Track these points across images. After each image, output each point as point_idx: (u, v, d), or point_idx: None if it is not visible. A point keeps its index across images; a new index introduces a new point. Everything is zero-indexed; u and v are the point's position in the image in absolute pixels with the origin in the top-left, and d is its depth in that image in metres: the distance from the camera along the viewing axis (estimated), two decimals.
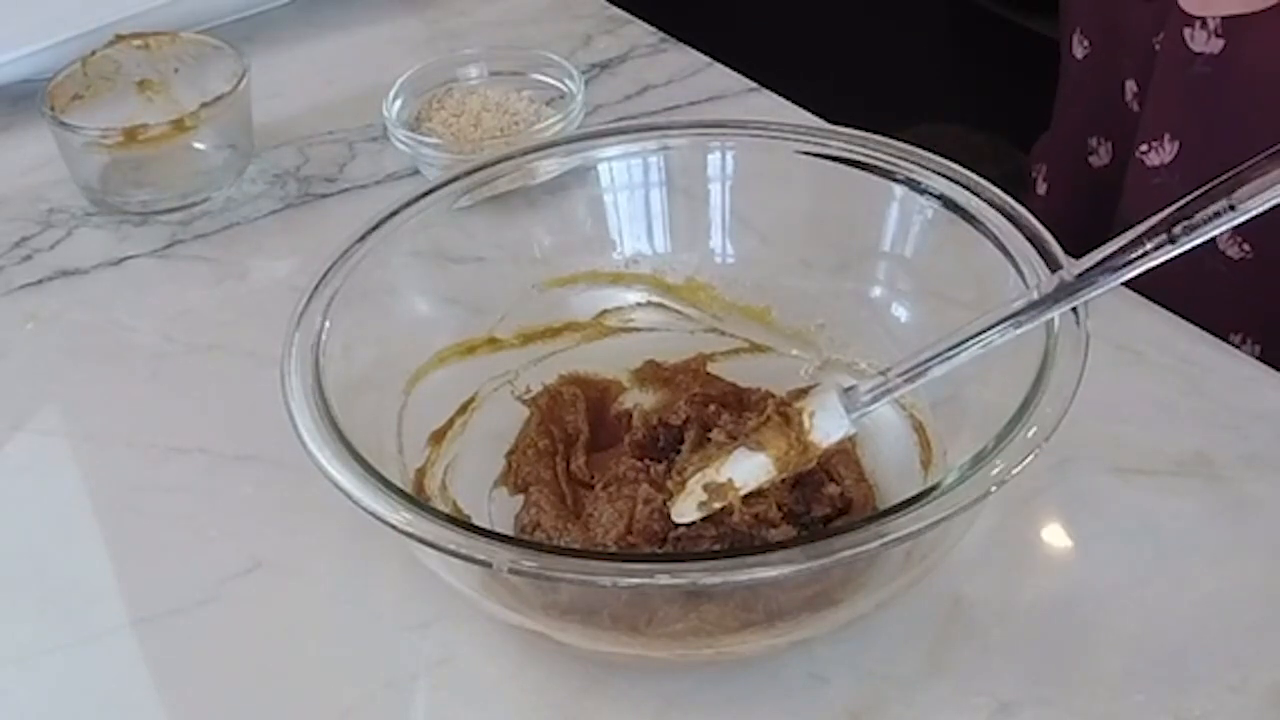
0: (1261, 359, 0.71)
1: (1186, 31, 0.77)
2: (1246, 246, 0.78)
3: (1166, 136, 0.80)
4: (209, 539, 0.66)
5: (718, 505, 0.58)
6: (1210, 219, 0.50)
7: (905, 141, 0.65)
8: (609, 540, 0.61)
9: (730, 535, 0.59)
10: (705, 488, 0.58)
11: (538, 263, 0.70)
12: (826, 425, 0.58)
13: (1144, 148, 0.82)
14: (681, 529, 0.60)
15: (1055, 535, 0.64)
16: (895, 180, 0.65)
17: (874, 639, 0.59)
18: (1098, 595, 0.61)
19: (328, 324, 0.60)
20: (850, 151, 0.66)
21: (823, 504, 0.62)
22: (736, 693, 0.58)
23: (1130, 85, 0.82)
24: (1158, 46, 0.81)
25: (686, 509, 0.58)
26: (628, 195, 0.70)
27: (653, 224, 0.71)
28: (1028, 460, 0.52)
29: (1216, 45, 0.76)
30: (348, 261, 0.63)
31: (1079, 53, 0.88)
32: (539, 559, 0.51)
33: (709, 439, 0.62)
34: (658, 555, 0.59)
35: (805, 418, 0.57)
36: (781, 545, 0.51)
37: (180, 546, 0.66)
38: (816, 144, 0.67)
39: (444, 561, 0.54)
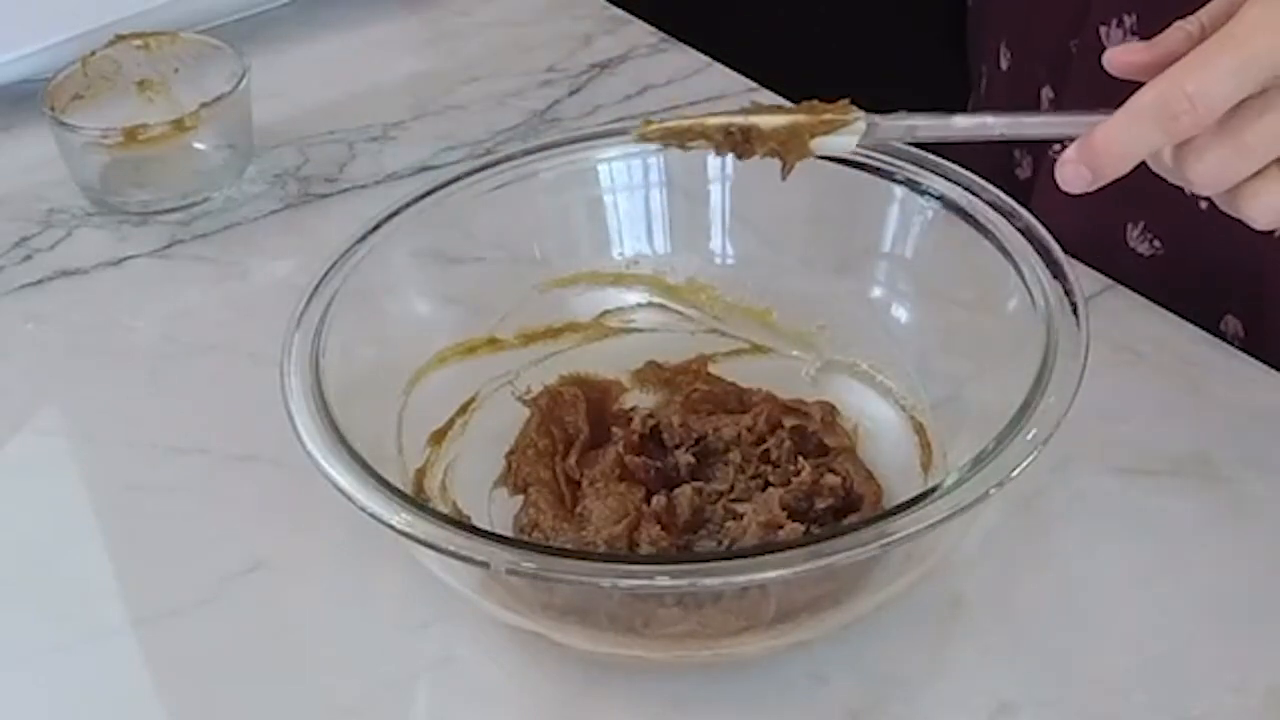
0: None
1: (1103, 30, 0.77)
2: (1157, 244, 0.78)
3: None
4: (209, 539, 0.66)
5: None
6: None
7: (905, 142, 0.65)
8: (600, 539, 0.61)
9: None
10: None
11: (538, 263, 0.70)
12: (830, 142, 0.58)
13: (1056, 146, 0.81)
14: (687, 536, 0.61)
15: (1055, 535, 0.64)
16: (895, 181, 0.65)
17: (874, 639, 0.59)
18: (1098, 595, 0.61)
19: (328, 324, 0.60)
20: (850, 152, 0.66)
21: (824, 496, 0.62)
22: (736, 693, 0.58)
23: (1046, 92, 0.83)
24: (1074, 49, 0.81)
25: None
26: (628, 195, 0.70)
27: (653, 225, 0.71)
28: (1028, 461, 0.52)
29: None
30: (348, 261, 0.63)
31: (1004, 64, 0.88)
32: (537, 560, 0.51)
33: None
34: (658, 557, 0.59)
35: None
36: (781, 547, 0.51)
37: (180, 546, 0.66)
38: None
39: (443, 562, 0.54)
